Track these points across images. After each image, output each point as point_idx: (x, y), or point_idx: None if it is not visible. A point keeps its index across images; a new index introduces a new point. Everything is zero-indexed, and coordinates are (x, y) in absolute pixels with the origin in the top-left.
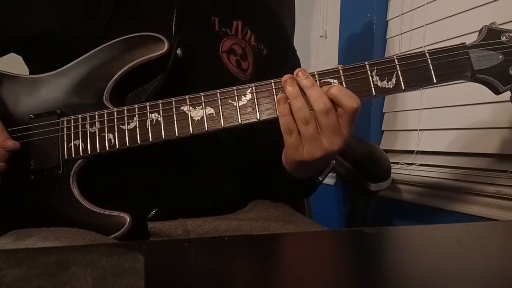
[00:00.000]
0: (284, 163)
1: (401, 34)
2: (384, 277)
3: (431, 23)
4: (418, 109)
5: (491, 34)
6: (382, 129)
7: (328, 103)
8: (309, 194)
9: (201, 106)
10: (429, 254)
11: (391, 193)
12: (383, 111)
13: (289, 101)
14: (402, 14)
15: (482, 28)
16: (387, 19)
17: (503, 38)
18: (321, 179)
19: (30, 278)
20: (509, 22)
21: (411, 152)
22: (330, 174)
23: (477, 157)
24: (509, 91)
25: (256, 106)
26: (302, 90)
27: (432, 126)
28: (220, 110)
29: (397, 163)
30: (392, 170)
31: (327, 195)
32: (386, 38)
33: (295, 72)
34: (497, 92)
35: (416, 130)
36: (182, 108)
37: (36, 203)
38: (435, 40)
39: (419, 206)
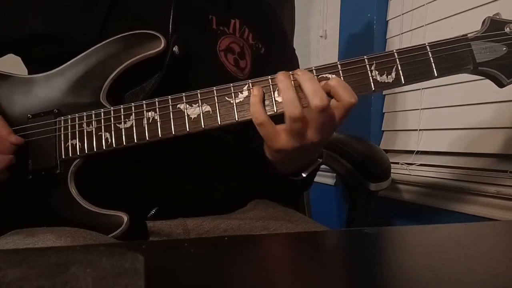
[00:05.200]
0: (265, 152)
1: (401, 34)
2: (384, 277)
3: (431, 23)
4: (418, 109)
5: (494, 25)
6: (382, 129)
7: (324, 98)
8: (297, 194)
9: (197, 104)
10: (429, 254)
11: (391, 193)
12: (383, 111)
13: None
14: (402, 14)
15: (485, 19)
16: (387, 19)
17: (507, 29)
18: (304, 175)
19: (30, 278)
20: None
21: (411, 152)
22: (330, 174)
23: (477, 157)
24: None
25: None
26: (299, 86)
27: (432, 126)
28: (217, 108)
29: (397, 163)
30: (392, 170)
31: (327, 195)
32: (386, 38)
33: (293, 72)
34: (501, 85)
35: (416, 130)
36: (178, 106)
37: (35, 203)
38: (435, 40)
39: (419, 206)
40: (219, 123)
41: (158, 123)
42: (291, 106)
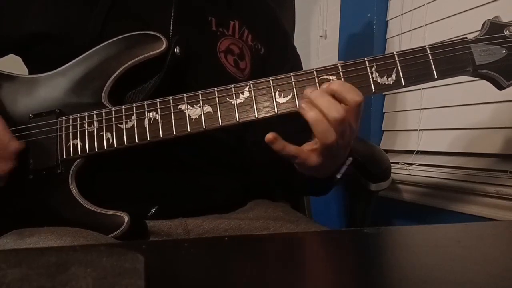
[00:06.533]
0: (298, 169)
1: (401, 34)
2: (384, 277)
3: (431, 23)
4: (418, 109)
5: (494, 28)
6: (382, 129)
7: (340, 109)
8: (327, 192)
9: (198, 105)
10: (429, 254)
11: (391, 193)
12: (383, 111)
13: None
14: (402, 14)
15: (484, 22)
16: (387, 19)
17: (506, 32)
18: (338, 177)
19: (30, 278)
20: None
21: (411, 152)
22: None
23: (477, 157)
24: None
25: (254, 104)
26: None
27: (432, 126)
28: (218, 109)
29: (397, 163)
30: (392, 170)
31: (327, 195)
32: (386, 38)
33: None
34: (500, 87)
35: (416, 130)
36: (179, 106)
37: (36, 203)
38: (435, 40)
39: (419, 206)
40: (220, 123)
41: (159, 123)
42: (320, 125)
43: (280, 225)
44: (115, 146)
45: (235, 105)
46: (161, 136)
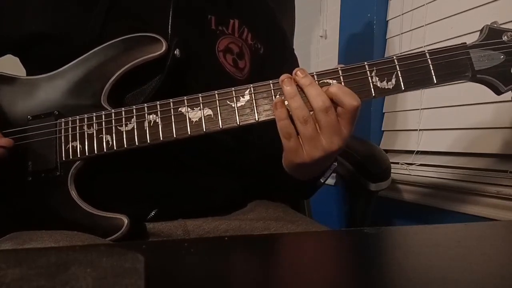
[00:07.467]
0: (284, 166)
1: (401, 34)
2: (384, 277)
3: (431, 23)
4: (418, 109)
5: (492, 34)
6: (382, 129)
7: (327, 100)
8: (310, 195)
9: (199, 107)
10: (429, 254)
11: (391, 193)
12: (383, 111)
13: (286, 102)
14: (402, 14)
15: (483, 27)
16: (387, 19)
17: (505, 38)
18: (322, 181)
19: (30, 278)
20: (510, 22)
21: (411, 152)
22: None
23: (477, 157)
24: (510, 91)
25: (255, 107)
26: (301, 89)
27: (432, 126)
28: (218, 111)
29: (397, 163)
30: (392, 170)
31: (327, 195)
32: (386, 38)
33: (294, 71)
34: (498, 92)
35: (416, 130)
36: (180, 109)
37: (34, 205)
38: (435, 40)
39: (419, 206)
40: (221, 126)
41: (160, 126)
42: (299, 110)
43: (281, 226)
44: (115, 148)
45: (236, 108)
46: (161, 139)
